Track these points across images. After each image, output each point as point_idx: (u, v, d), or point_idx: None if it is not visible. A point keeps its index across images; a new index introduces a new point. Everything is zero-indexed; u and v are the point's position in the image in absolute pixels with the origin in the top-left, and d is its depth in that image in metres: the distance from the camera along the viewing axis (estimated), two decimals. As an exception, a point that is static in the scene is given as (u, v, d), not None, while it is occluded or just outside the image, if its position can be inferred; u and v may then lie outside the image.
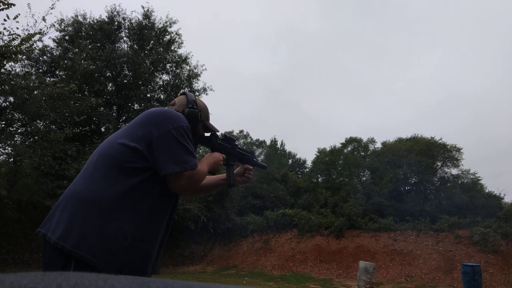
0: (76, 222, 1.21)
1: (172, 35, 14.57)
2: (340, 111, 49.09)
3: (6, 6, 5.66)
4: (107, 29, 13.31)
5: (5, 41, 6.42)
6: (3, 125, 9.24)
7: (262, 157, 24.64)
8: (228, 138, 1.75)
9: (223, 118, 37.98)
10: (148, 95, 14.28)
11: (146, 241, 1.31)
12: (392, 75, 51.01)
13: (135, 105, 14.21)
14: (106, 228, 1.22)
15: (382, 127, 37.93)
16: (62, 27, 13.09)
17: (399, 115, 43.03)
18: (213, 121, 1.71)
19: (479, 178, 16.96)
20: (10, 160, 10.13)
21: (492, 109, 38.29)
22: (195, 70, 14.83)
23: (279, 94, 51.50)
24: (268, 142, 27.69)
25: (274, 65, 59.64)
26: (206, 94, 15.02)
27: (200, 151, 13.33)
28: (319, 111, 48.55)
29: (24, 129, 9.89)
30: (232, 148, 1.75)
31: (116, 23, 13.85)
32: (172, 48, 14.68)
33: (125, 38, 14.30)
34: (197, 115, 1.54)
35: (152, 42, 14.30)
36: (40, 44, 8.38)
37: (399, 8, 61.16)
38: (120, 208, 1.25)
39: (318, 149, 21.83)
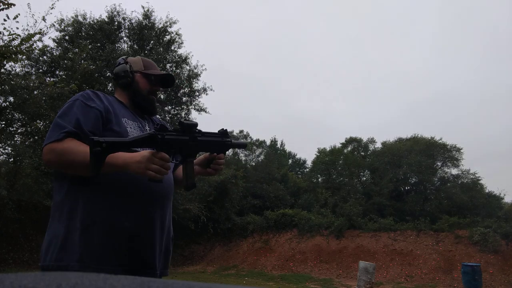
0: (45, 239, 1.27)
1: (172, 35, 14.56)
2: (340, 111, 49.13)
3: (6, 6, 5.66)
4: (107, 29, 13.30)
5: (5, 41, 6.42)
6: (3, 125, 9.23)
7: (262, 157, 24.60)
8: (186, 125, 1.32)
9: (223, 118, 37.98)
10: (148, 95, 14.24)
11: (103, 224, 1.22)
12: (388, 74, 51.02)
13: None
14: (68, 229, 1.22)
15: (381, 126, 37.96)
16: (62, 27, 13.08)
17: (398, 114, 43.03)
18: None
19: (479, 178, 16.98)
20: (10, 160, 10.13)
21: (488, 107, 38.29)
22: (195, 70, 14.82)
23: (279, 94, 51.52)
24: (268, 142, 27.69)
25: (273, 65, 59.65)
26: (206, 94, 15.00)
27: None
28: (319, 111, 48.59)
29: (24, 129, 9.88)
30: (192, 139, 1.32)
31: (116, 23, 13.84)
32: (172, 48, 14.66)
33: (125, 38, 14.29)
34: (123, 67, 1.51)
35: (152, 42, 14.29)
36: (40, 44, 8.38)
37: (390, 6, 61.19)
38: (74, 201, 1.25)
39: (318, 149, 21.87)
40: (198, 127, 1.35)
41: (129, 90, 1.50)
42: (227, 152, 1.52)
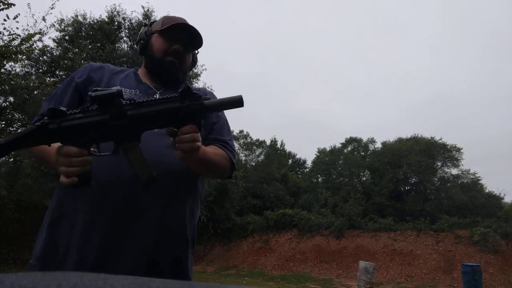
0: None
1: (172, 35, 14.56)
2: (340, 111, 49.15)
3: (6, 6, 5.67)
4: (107, 29, 13.31)
5: (5, 41, 6.42)
6: (3, 125, 9.23)
7: (262, 157, 24.58)
8: (97, 98, 0.84)
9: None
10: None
11: (69, 217, 1.06)
12: (388, 74, 51.04)
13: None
14: (45, 224, 1.13)
15: (381, 126, 37.98)
16: (62, 27, 13.09)
17: (398, 114, 43.04)
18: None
19: (479, 178, 17.00)
20: (10, 160, 10.13)
21: (485, 106, 38.30)
22: (195, 70, 14.82)
23: (279, 94, 51.54)
24: (268, 142, 27.67)
25: (273, 65, 59.68)
26: (206, 94, 15.01)
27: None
28: (319, 111, 48.61)
29: (24, 129, 9.88)
30: (116, 116, 0.85)
31: (116, 23, 13.84)
32: (172, 48, 14.66)
33: (125, 38, 14.29)
34: (142, 30, 1.31)
35: (152, 42, 14.29)
36: (40, 44, 8.38)
37: (391, 9, 61.22)
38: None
39: (318, 149, 21.92)
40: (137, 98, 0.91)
41: (145, 56, 1.31)
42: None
